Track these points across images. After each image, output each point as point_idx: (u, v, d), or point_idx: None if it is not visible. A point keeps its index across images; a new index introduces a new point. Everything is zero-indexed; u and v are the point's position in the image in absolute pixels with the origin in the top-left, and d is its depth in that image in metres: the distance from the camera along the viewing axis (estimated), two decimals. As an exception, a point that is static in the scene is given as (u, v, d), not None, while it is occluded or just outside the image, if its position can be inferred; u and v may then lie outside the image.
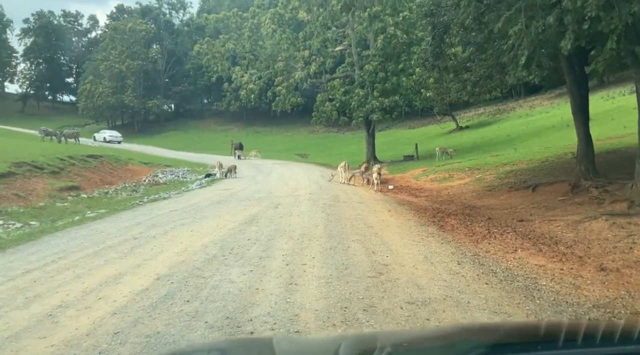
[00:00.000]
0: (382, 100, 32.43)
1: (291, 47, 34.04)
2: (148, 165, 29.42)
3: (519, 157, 23.02)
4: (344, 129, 65.15)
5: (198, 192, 17.39)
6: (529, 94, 60.22)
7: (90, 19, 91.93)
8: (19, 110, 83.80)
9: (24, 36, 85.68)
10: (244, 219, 10.48)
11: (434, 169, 25.02)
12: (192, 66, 72.30)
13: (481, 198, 15.58)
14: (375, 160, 35.56)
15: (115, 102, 68.23)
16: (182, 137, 67.76)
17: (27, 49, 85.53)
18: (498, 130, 42.90)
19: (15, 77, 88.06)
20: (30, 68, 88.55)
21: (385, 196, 16.58)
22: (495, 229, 10.20)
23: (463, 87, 17.41)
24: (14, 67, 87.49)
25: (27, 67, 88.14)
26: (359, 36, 34.76)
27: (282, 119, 70.92)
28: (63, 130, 38.47)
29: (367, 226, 9.73)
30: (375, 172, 18.65)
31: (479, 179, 19.73)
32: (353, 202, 14.02)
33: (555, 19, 10.12)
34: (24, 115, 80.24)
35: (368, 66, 32.42)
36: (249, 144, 56.99)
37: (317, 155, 49.14)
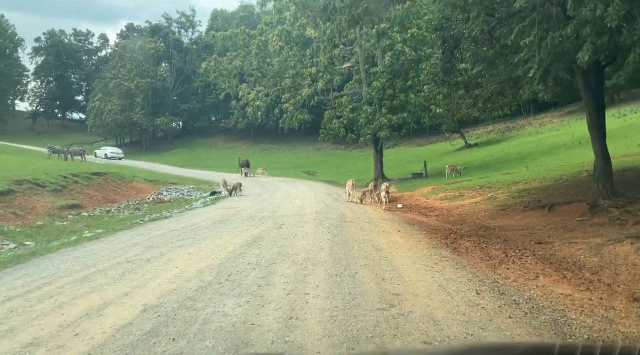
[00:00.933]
0: (390, 118, 31.94)
1: (298, 64, 33.74)
2: (153, 183, 28.99)
3: (531, 175, 22.34)
4: (352, 146, 64.67)
5: (201, 211, 16.84)
6: (539, 112, 59.60)
7: (101, 38, 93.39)
8: (29, 128, 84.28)
9: (36, 55, 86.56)
10: (246, 241, 9.89)
11: (444, 188, 24.34)
12: (201, 84, 72.45)
13: (495, 218, 14.90)
14: (383, 178, 34.94)
15: (124, 119, 68.36)
16: (190, 155, 67.60)
17: (38, 67, 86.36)
18: (508, 148, 42.23)
19: (26, 95, 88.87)
20: (41, 86, 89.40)
21: (394, 216, 15.95)
22: (513, 253, 9.54)
23: (474, 104, 16.86)
24: (25, 85, 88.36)
25: (38, 86, 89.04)
26: (366, 53, 34.44)
27: (289, 136, 70.71)
28: (70, 147, 38.24)
29: (375, 249, 9.10)
30: (383, 191, 18.05)
31: (491, 198, 19.06)
32: (361, 222, 13.40)
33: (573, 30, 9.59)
34: (34, 133, 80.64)
35: (376, 83, 32.01)
36: (257, 162, 56.64)
37: (324, 173, 48.62)
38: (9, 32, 79.61)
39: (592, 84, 14.72)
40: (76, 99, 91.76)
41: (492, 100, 16.75)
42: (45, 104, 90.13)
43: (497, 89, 16.28)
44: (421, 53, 32.70)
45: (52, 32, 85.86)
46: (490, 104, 16.85)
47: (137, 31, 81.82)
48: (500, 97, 16.71)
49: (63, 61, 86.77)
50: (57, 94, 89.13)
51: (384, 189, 18.12)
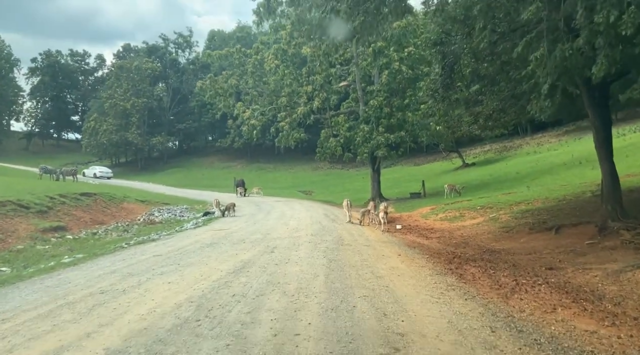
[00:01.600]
0: (387, 136, 31.34)
1: (294, 82, 33.23)
2: (145, 203, 28.14)
3: (533, 195, 21.64)
4: (349, 165, 64.03)
5: (190, 233, 16.01)
6: (536, 131, 59.32)
7: (97, 58, 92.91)
8: (24, 148, 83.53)
9: (31, 75, 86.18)
10: (233, 267, 9.08)
11: (443, 207, 23.62)
12: (197, 103, 72.01)
13: (499, 240, 14.13)
14: (381, 197, 34.20)
15: (119, 139, 67.67)
16: (186, 174, 66.80)
17: (34, 87, 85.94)
18: (506, 168, 41.64)
19: (21, 115, 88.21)
20: (37, 106, 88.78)
21: (393, 237, 15.17)
22: (523, 280, 8.77)
23: (475, 121, 16.18)
24: (21, 105, 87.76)
25: (33, 106, 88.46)
26: (363, 71, 33.98)
27: (285, 155, 70.08)
28: (62, 168, 37.44)
29: (375, 276, 8.31)
30: (382, 211, 17.27)
31: (493, 218, 18.31)
32: (358, 244, 12.60)
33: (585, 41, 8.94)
34: (29, 153, 79.82)
35: (373, 101, 31.47)
36: (252, 181, 55.84)
37: (321, 193, 47.85)
38: (5, 52, 79.46)
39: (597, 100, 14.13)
40: (72, 119, 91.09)
41: (493, 117, 16.10)
42: (41, 124, 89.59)
43: (499, 106, 15.65)
44: (418, 71, 32.27)
45: (48, 53, 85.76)
46: (491, 121, 16.19)
47: (133, 51, 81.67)
48: (501, 115, 16.07)
49: (59, 81, 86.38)
50: (52, 113, 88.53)
51: (382, 209, 17.34)
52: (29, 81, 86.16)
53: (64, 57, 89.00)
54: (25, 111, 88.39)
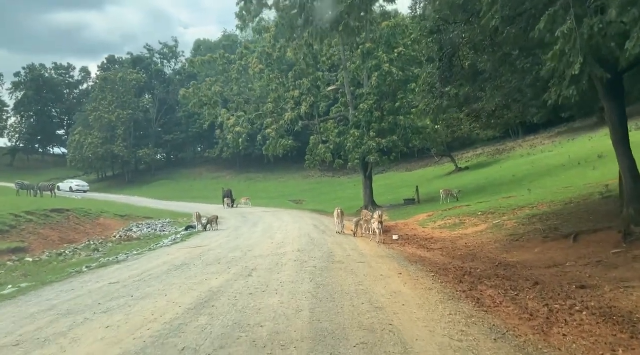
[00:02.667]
0: (379, 141, 29.71)
1: (280, 87, 31.54)
2: (125, 218, 26.23)
3: (536, 199, 20.04)
4: (340, 173, 62.38)
5: (163, 252, 14.17)
6: (528, 134, 58.00)
7: (82, 71, 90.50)
8: (8, 164, 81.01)
9: (15, 90, 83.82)
10: (197, 300, 7.28)
11: (441, 214, 21.96)
12: (184, 114, 70.07)
13: (510, 251, 12.42)
14: (373, 205, 32.52)
15: (105, 152, 65.48)
16: (174, 187, 64.76)
17: (18, 102, 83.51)
18: (501, 171, 40.12)
19: (5, 131, 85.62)
20: (21, 121, 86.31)
21: (391, 250, 13.42)
22: (556, 304, 7.04)
23: (476, 119, 14.53)
24: (5, 121, 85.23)
25: (18, 121, 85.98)
26: (352, 75, 32.38)
27: (275, 164, 68.24)
28: (39, 183, 35.40)
29: (374, 307, 6.54)
30: (376, 221, 15.51)
31: (497, 225, 16.66)
32: (352, 261, 10.84)
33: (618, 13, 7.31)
34: (13, 169, 77.38)
35: (363, 105, 29.83)
36: (242, 191, 53.97)
37: (312, 201, 46.10)
38: (-13, 66, 77.39)
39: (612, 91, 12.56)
40: (57, 133, 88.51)
41: (495, 115, 14.44)
42: (25, 139, 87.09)
43: (502, 103, 13.99)
44: (409, 73, 30.72)
45: (31, 67, 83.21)
46: (494, 119, 14.54)
47: (118, 63, 79.53)
48: (505, 112, 14.42)
49: (43, 95, 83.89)
50: (37, 128, 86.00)
51: (377, 219, 15.58)
52: (13, 96, 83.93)
53: (48, 71, 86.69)
54: (9, 127, 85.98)
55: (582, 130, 50.25)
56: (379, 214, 19.65)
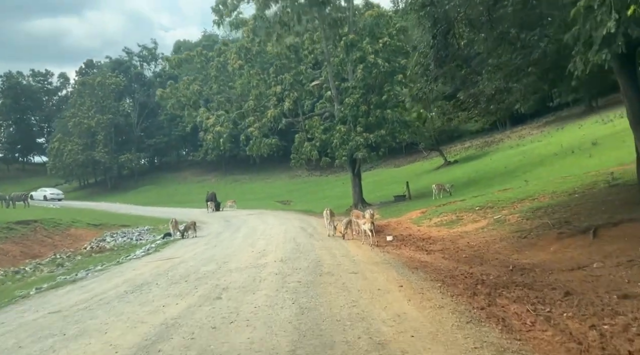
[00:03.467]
0: (366, 136, 28.14)
1: (262, 83, 29.80)
2: (99, 227, 24.39)
3: (535, 190, 18.65)
4: (327, 171, 60.79)
5: (128, 267, 12.43)
6: (515, 125, 56.87)
7: (61, 76, 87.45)
8: (-13, 175, 78.37)
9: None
10: (142, 340, 5.60)
11: (435, 210, 20.46)
12: (166, 117, 67.83)
13: (521, 250, 10.90)
14: (363, 203, 30.98)
15: (85, 159, 63.09)
16: (158, 192, 62.64)
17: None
18: (491, 163, 38.86)
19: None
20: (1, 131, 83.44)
21: (386, 254, 11.84)
22: (603, 323, 5.49)
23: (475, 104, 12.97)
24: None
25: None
26: (336, 69, 30.71)
27: (261, 165, 66.43)
28: (11, 193, 33.32)
29: (375, 343, 4.93)
30: (368, 221, 13.90)
31: (498, 220, 15.18)
32: (343, 271, 9.23)
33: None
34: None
35: (348, 99, 28.20)
36: (228, 194, 52.14)
37: (300, 201, 44.47)
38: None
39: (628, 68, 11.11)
40: (37, 142, 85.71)
41: (495, 98, 12.89)
42: (5, 148, 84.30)
43: (502, 85, 12.44)
44: (395, 64, 29.19)
45: (8, 74, 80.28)
46: (493, 104, 12.98)
47: (97, 67, 77.02)
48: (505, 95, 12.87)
49: (21, 103, 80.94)
50: (16, 137, 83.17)
51: (369, 219, 13.97)
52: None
53: (26, 78, 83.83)
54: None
55: (570, 119, 49.25)
56: (371, 212, 18.08)
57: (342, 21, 29.29)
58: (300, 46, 29.30)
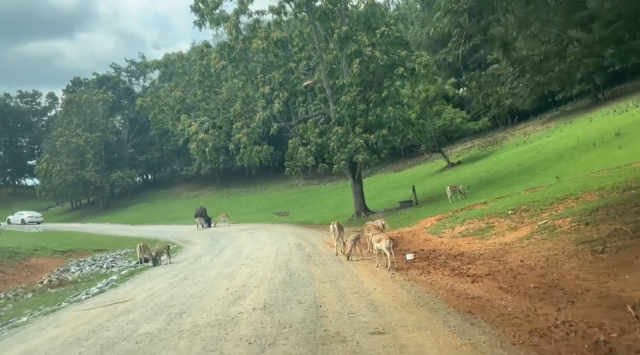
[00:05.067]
0: (366, 137, 24.64)
1: (248, 84, 26.24)
2: (67, 254, 20.71)
3: (574, 187, 15.17)
4: (325, 179, 57.24)
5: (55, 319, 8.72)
6: (517, 123, 53.65)
7: (49, 96, 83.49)
8: (-23, 200, 74.53)
9: (-20, 122, 77.31)
10: None
11: (454, 217, 16.90)
12: (157, 132, 64.09)
13: (612, 272, 7.38)
14: (366, 211, 27.44)
15: (75, 179, 59.17)
16: (151, 209, 58.89)
17: (-17, 134, 77.08)
18: (500, 162, 35.42)
19: (-26, 165, 79.02)
20: (-11, 154, 79.85)
21: (414, 284, 8.26)
22: None
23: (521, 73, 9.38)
24: (-27, 156, 78.58)
25: (-14, 154, 79.49)
26: (329, 66, 27.22)
27: (257, 176, 62.93)
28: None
29: None
30: (384, 238, 10.25)
31: (545, 227, 11.66)
32: (360, 328, 5.64)
33: None
34: (-18, 205, 70.82)
35: (345, 98, 24.67)
36: (224, 208, 48.53)
37: (298, 212, 40.92)
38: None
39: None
40: (28, 164, 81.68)
41: (543, 66, 9.31)
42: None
43: (554, 48, 8.89)
44: (395, 56, 25.71)
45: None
46: (540, 75, 9.39)
47: (84, 84, 73.37)
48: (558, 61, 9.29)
49: (9, 125, 77.08)
50: (6, 160, 79.36)
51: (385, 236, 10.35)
52: (-22, 129, 77.28)
53: (13, 100, 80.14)
54: (-22, 161, 79.41)
55: (577, 112, 45.98)
56: (382, 223, 14.50)
57: (333, 14, 25.89)
58: (288, 41, 25.77)
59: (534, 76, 9.34)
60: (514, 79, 8.96)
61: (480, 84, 9.63)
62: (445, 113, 45.22)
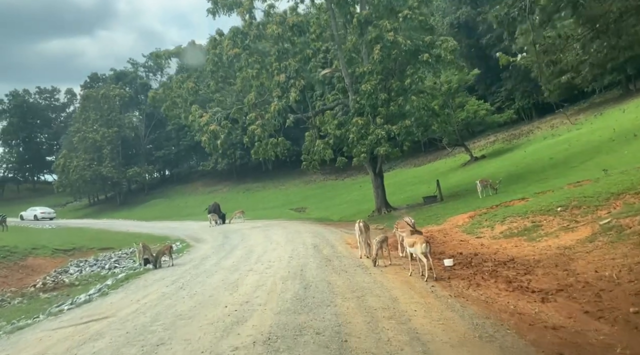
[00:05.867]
0: (388, 128, 22.60)
1: (262, 72, 24.38)
2: (69, 253, 19.22)
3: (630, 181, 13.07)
4: (343, 174, 55.17)
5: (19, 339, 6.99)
6: (542, 115, 50.81)
7: (68, 92, 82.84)
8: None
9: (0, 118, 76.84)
10: None
11: (491, 214, 14.91)
12: (174, 127, 62.73)
13: None
14: (387, 207, 25.48)
15: (92, 174, 58.16)
16: (167, 205, 57.58)
17: (3, 130, 76.39)
18: (529, 155, 33.01)
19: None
20: (10, 151, 79.26)
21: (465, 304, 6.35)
22: None
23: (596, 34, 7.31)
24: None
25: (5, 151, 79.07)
26: (348, 54, 25.25)
27: (274, 172, 61.12)
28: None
29: None
30: (419, 241, 8.29)
31: (609, 227, 9.72)
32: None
33: None
34: (2, 201, 70.44)
35: (365, 86, 22.66)
36: (240, 203, 46.85)
37: (315, 208, 39.00)
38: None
39: None
40: (47, 160, 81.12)
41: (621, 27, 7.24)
42: (14, 168, 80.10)
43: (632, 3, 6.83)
44: (418, 41, 23.62)
45: (14, 93, 76.16)
46: (616, 37, 7.32)
47: (101, 80, 72.39)
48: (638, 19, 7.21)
49: (28, 121, 76.59)
50: (25, 156, 79.02)
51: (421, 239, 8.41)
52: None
53: (32, 96, 79.72)
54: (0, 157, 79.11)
55: (607, 104, 43.15)
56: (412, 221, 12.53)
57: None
58: (305, 26, 23.86)
59: (609, 38, 7.32)
60: (585, 42, 7.02)
61: (545, 47, 7.65)
62: (469, 105, 42.73)
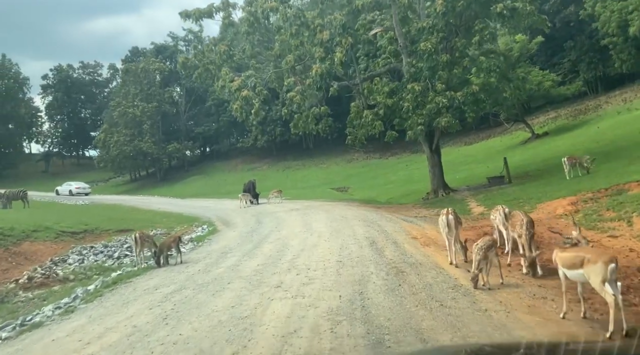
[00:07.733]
0: (451, 95, 18.45)
1: (303, 29, 20.51)
2: (78, 236, 16.18)
3: None
4: (387, 153, 51.00)
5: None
6: (610, 89, 44.75)
7: (110, 67, 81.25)
8: (43, 170, 73.87)
9: (45, 93, 76.21)
10: None
11: (604, 201, 10.73)
12: (214, 102, 59.83)
13: None
14: (445, 188, 21.49)
15: (132, 150, 56.15)
16: (206, 182, 55.07)
17: (48, 105, 75.78)
18: (609, 131, 27.96)
19: (41, 136, 78.62)
20: (55, 125, 78.89)
21: None
22: None
23: None
24: (40, 126, 77.88)
25: (51, 125, 78.65)
26: (403, 10, 21.00)
27: (315, 149, 57.63)
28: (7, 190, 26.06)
29: None
30: (603, 261, 4.36)
31: None
32: None
33: None
34: (48, 175, 70.00)
35: (424, 45, 18.47)
36: (280, 182, 43.72)
37: (359, 188, 35.31)
38: (13, 71, 69.52)
39: None
40: (91, 135, 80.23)
41: None
42: (59, 143, 79.73)
43: None
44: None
45: (59, 68, 75.14)
46: None
47: (142, 54, 70.01)
48: None
49: (72, 96, 75.51)
50: (69, 131, 78.44)
51: (592, 253, 4.48)
52: (44, 100, 76.55)
53: (76, 71, 78.56)
54: (46, 132, 78.89)
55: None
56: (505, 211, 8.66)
57: None
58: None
59: None
60: None
61: None
62: (532, 76, 37.45)
